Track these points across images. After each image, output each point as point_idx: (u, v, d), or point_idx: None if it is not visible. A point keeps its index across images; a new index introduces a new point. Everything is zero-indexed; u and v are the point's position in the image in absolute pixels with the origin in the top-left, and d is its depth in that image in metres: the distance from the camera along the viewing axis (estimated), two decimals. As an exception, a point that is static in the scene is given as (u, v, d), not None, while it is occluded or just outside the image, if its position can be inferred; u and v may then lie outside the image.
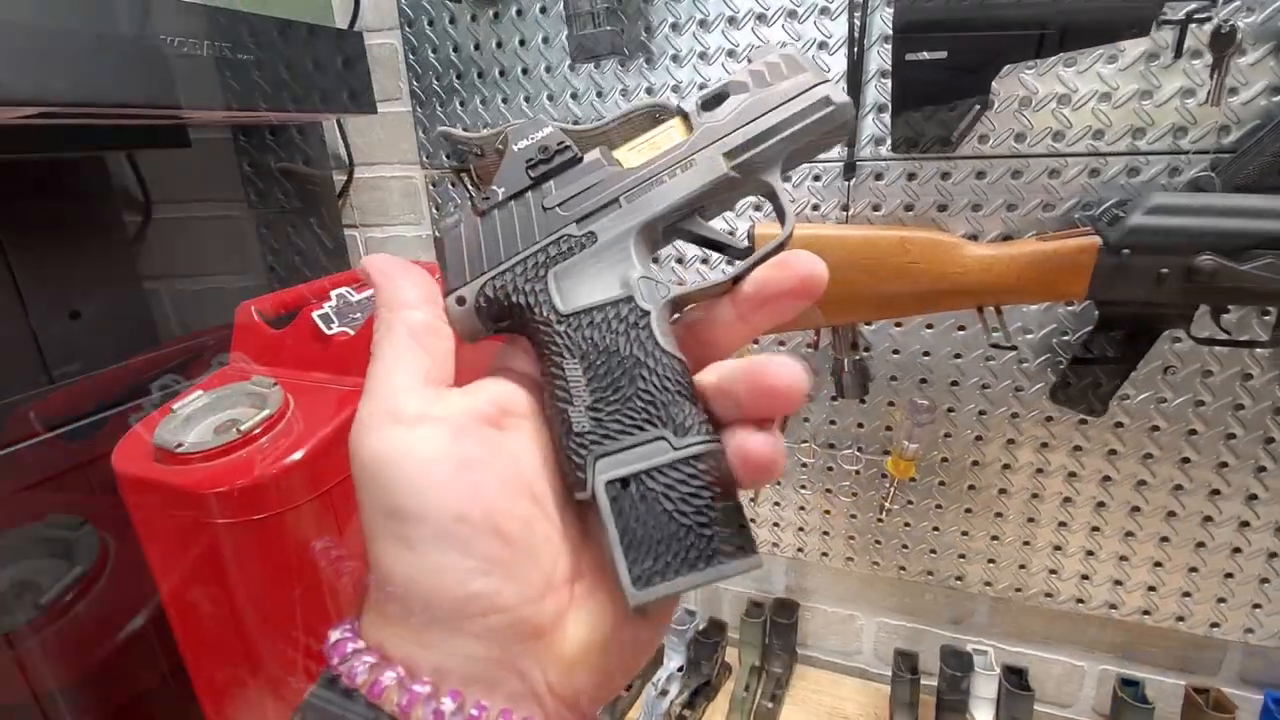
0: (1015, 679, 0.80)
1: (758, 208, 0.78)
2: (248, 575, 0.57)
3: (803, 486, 0.87)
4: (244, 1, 0.68)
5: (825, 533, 0.89)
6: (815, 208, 0.76)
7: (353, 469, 0.21)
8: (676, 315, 0.25)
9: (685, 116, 0.26)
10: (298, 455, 0.55)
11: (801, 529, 0.90)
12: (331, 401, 0.61)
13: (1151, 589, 0.76)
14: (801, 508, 0.89)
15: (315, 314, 0.65)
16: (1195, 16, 0.56)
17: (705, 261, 0.83)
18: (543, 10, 0.80)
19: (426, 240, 1.00)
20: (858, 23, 0.67)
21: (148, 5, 0.58)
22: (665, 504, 0.20)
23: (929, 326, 0.75)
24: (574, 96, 0.82)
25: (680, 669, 0.90)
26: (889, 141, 0.69)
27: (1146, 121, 0.62)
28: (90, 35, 0.54)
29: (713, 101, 0.26)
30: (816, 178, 0.74)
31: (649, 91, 0.79)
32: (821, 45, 0.70)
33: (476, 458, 0.20)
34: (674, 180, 0.25)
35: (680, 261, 0.84)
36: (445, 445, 0.20)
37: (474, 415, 0.21)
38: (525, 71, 0.84)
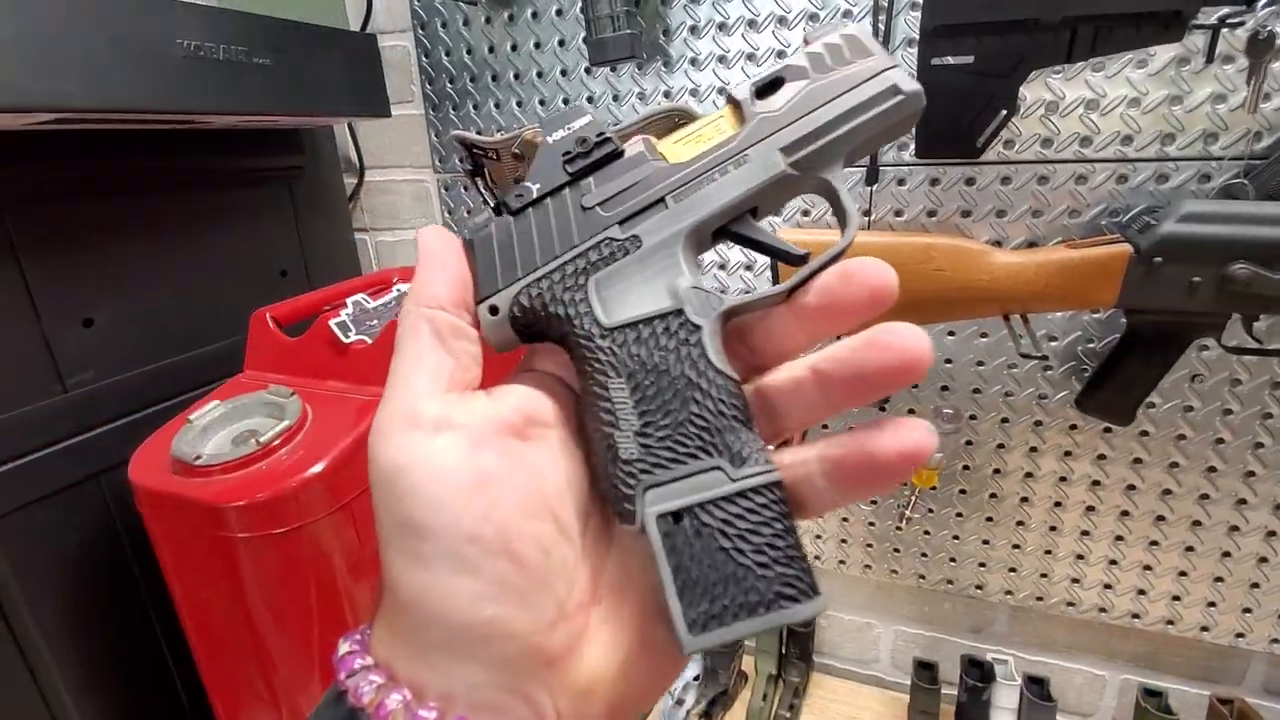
0: (1037, 689, 0.79)
1: (775, 212, 0.77)
2: (266, 589, 0.56)
3: (820, 494, 0.86)
4: (256, 4, 0.67)
5: (843, 540, 0.88)
6: (836, 213, 0.75)
7: (369, 474, 0.20)
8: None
9: (737, 105, 0.24)
10: (318, 468, 0.54)
11: (819, 536, 0.89)
12: (350, 411, 0.60)
13: (1176, 598, 0.75)
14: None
15: (332, 321, 0.64)
16: (1228, 21, 0.55)
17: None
18: (559, 13, 0.79)
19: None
20: (881, 26, 0.67)
21: (163, 9, 0.57)
22: (722, 541, 0.19)
23: (950, 333, 0.74)
24: (590, 100, 0.81)
25: (697, 678, 0.89)
26: (912, 146, 0.68)
27: (1176, 127, 0.61)
28: (104, 39, 0.53)
29: (768, 88, 0.24)
30: (837, 183, 0.73)
31: (666, 95, 0.78)
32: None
33: (495, 472, 0.19)
34: (725, 178, 0.23)
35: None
36: (463, 456, 0.19)
37: (496, 424, 0.20)
38: (540, 75, 0.83)
